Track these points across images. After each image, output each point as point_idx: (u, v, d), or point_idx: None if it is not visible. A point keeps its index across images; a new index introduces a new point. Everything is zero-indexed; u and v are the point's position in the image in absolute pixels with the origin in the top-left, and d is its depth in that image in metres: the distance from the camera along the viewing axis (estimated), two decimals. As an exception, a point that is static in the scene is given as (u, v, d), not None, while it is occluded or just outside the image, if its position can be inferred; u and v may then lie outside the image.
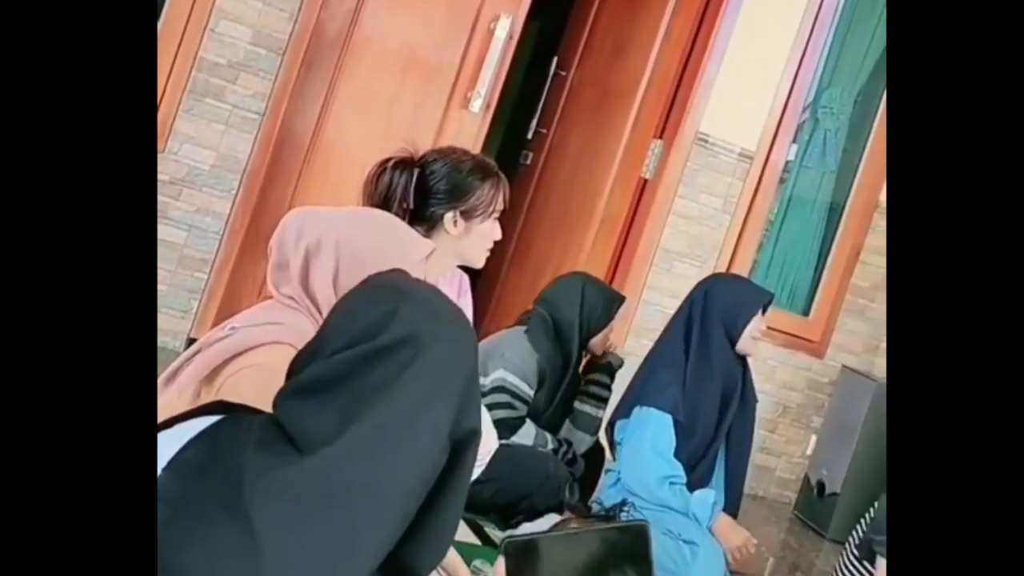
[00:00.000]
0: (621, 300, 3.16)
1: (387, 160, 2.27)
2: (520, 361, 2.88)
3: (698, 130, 3.94)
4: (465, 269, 2.51)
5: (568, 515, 2.71)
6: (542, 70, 4.69)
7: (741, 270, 4.08)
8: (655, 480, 2.69)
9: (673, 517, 2.65)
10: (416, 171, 2.24)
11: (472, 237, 2.27)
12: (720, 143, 3.98)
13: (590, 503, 2.86)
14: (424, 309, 1.20)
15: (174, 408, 1.64)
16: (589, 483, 3.03)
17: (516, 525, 2.67)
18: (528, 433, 2.87)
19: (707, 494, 2.70)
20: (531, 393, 2.89)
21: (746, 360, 2.90)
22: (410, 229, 1.90)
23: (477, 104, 3.58)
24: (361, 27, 3.47)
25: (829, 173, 4.32)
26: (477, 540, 2.46)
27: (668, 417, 2.73)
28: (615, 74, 4.18)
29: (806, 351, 4.32)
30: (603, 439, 3.06)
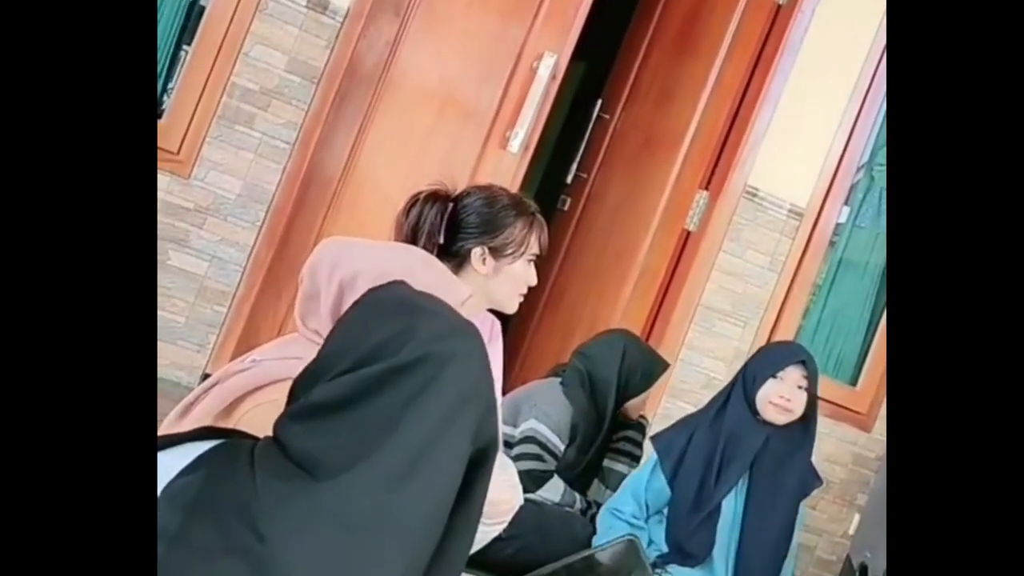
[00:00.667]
0: (664, 367, 3.15)
1: (419, 193, 2.28)
2: (554, 413, 2.87)
3: (747, 183, 3.94)
4: (496, 314, 2.51)
5: None
6: (584, 113, 4.72)
7: (786, 333, 4.05)
8: (606, 509, 2.84)
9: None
10: (449, 205, 2.25)
11: (501, 278, 2.25)
12: (769, 198, 3.97)
13: None
14: (439, 324, 1.20)
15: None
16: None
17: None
18: (555, 488, 2.85)
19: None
20: (562, 447, 2.87)
21: (783, 431, 2.87)
22: (450, 273, 1.91)
23: (516, 144, 3.59)
24: (399, 60, 3.51)
25: (883, 235, 4.30)
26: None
27: (656, 459, 2.88)
28: (661, 120, 4.19)
29: (852, 423, 4.27)
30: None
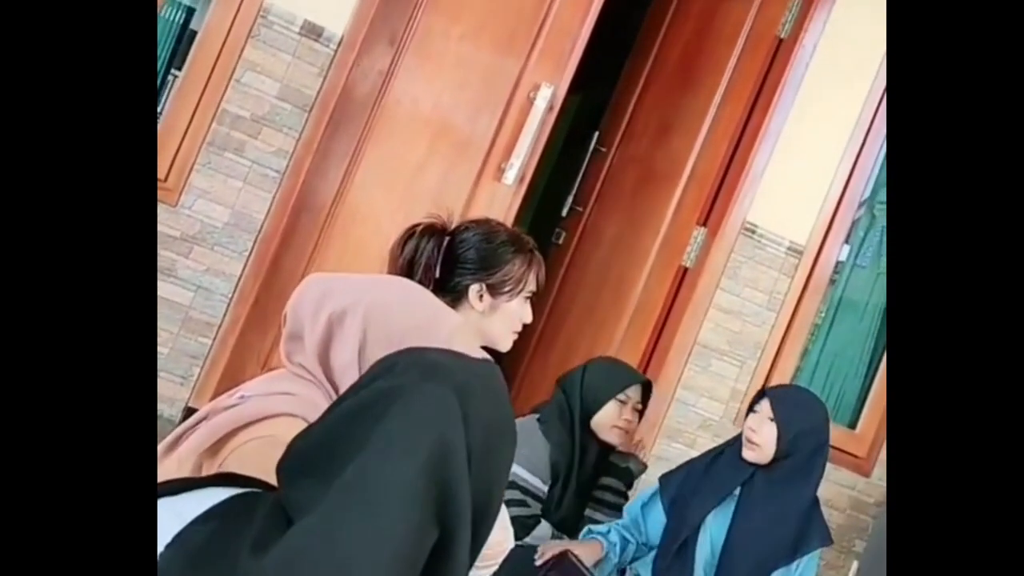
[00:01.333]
0: (631, 379, 3.08)
1: (416, 226, 2.30)
2: (532, 454, 2.87)
3: (745, 219, 3.98)
4: (490, 352, 2.53)
5: None
6: (580, 146, 4.77)
7: (784, 374, 4.08)
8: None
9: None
10: (446, 239, 2.28)
11: (498, 315, 2.28)
12: (768, 234, 4.01)
13: None
14: (423, 365, 1.16)
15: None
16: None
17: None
18: (544, 533, 2.86)
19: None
20: (544, 489, 2.87)
21: (767, 472, 2.90)
22: (440, 302, 1.93)
23: (511, 176, 3.64)
24: (393, 89, 3.56)
25: (883, 274, 4.34)
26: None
27: (656, 486, 2.98)
28: (659, 155, 4.24)
29: (851, 467, 4.29)
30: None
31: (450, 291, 2.24)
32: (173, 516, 1.14)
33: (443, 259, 2.24)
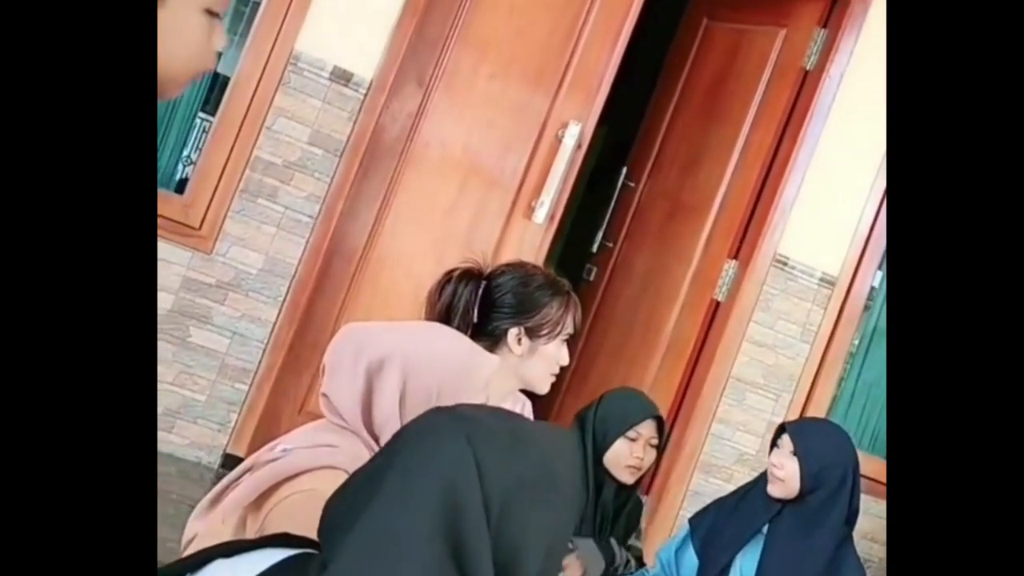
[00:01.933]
0: (641, 415, 2.93)
1: (453, 270, 2.33)
2: None
3: (776, 251, 4.00)
4: (527, 394, 2.55)
5: None
6: (607, 178, 4.80)
7: (819, 406, 4.08)
8: None
9: None
10: (483, 284, 2.30)
11: (536, 359, 2.31)
12: (800, 266, 4.02)
13: None
14: (442, 416, 1.17)
15: (218, 535, 1.68)
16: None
17: None
18: (588, 545, 2.84)
19: None
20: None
21: (795, 507, 2.89)
22: (476, 345, 1.95)
23: (541, 214, 3.67)
24: (422, 131, 3.60)
25: (918, 303, 4.33)
26: None
27: (687, 528, 3.03)
28: (688, 188, 4.27)
29: (890, 498, 4.27)
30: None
31: (488, 335, 2.27)
32: None
33: (480, 303, 2.27)
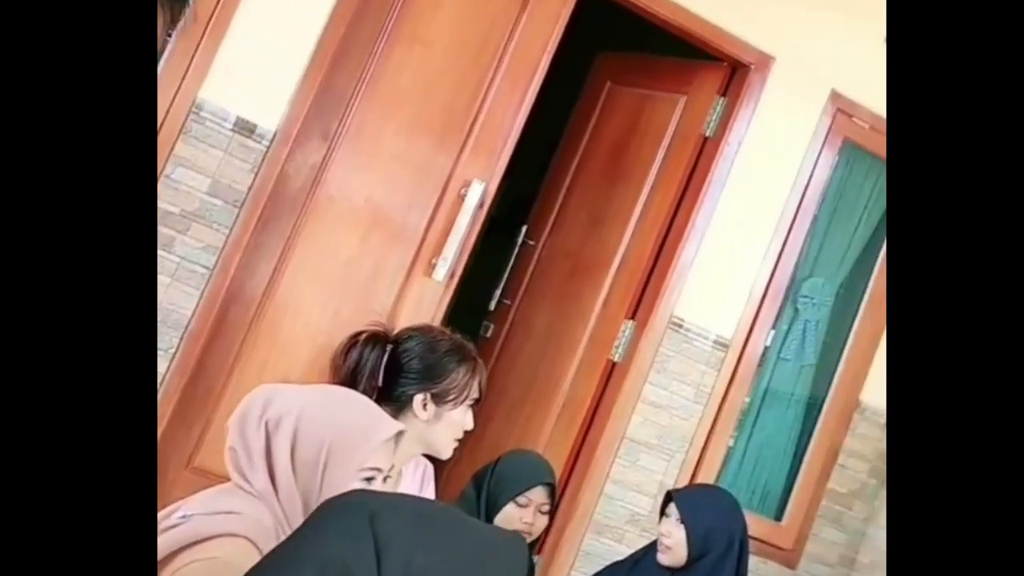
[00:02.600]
0: (532, 482, 2.89)
1: (359, 334, 2.34)
2: None
3: (673, 313, 4.08)
4: (428, 457, 2.55)
5: None
6: (504, 229, 4.82)
7: (711, 467, 4.16)
8: None
9: None
10: (389, 348, 2.31)
11: (442, 424, 2.33)
12: (695, 328, 4.11)
13: None
14: (363, 495, 1.23)
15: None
16: None
17: None
18: None
19: None
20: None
21: (685, 575, 2.93)
22: (379, 409, 1.96)
23: (441, 272, 3.69)
24: (326, 183, 3.60)
25: (807, 367, 4.46)
26: None
27: None
28: (588, 248, 4.34)
29: (778, 560, 4.37)
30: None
31: (394, 400, 2.28)
32: None
33: (386, 368, 2.28)
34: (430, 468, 2.61)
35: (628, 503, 4.09)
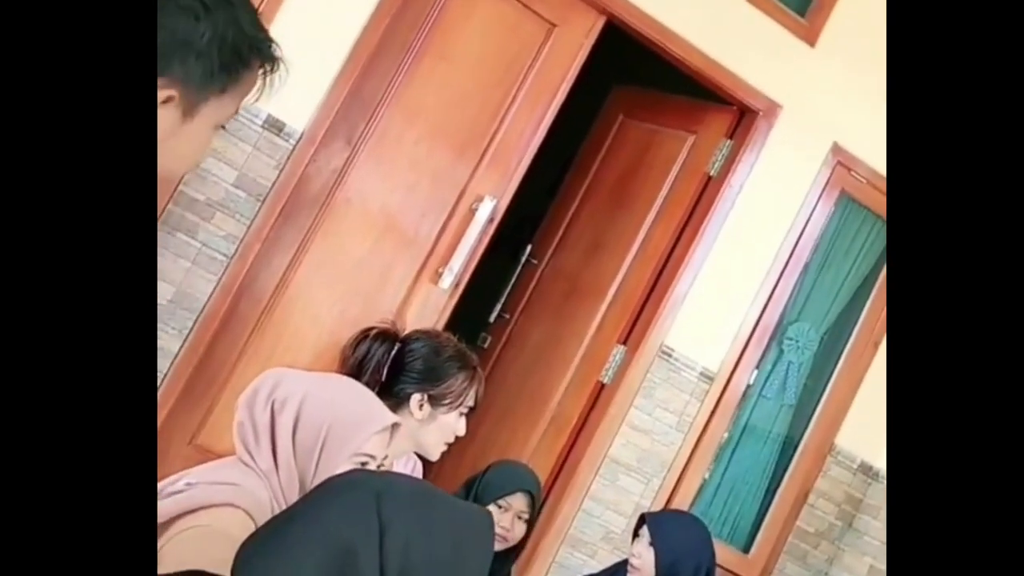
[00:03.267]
0: (515, 487, 2.94)
1: (369, 329, 2.45)
2: None
3: (663, 342, 4.18)
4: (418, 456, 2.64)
5: None
6: (508, 246, 4.92)
7: (687, 494, 4.26)
8: None
9: None
10: (396, 346, 2.41)
11: (434, 426, 2.43)
12: (683, 359, 4.22)
13: None
14: (350, 475, 1.28)
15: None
16: None
17: None
18: None
19: None
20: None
21: None
22: (379, 400, 2.06)
23: (447, 281, 3.81)
24: (345, 187, 3.72)
25: (787, 407, 4.56)
26: None
27: None
28: (588, 272, 4.45)
29: (742, 590, 4.44)
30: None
31: (393, 396, 2.38)
32: None
33: (391, 365, 2.38)
34: (419, 464, 2.71)
35: (604, 521, 4.19)
